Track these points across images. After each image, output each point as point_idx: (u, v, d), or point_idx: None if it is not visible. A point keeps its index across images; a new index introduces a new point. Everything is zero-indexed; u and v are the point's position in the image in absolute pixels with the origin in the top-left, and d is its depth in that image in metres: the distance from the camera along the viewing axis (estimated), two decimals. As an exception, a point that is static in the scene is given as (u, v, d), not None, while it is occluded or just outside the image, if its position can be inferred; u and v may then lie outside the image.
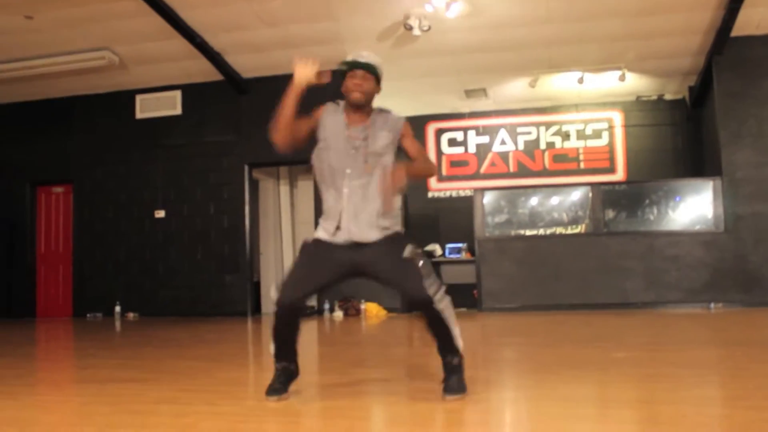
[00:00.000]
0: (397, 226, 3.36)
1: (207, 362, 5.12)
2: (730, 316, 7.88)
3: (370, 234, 3.25)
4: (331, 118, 3.40)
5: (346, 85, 3.34)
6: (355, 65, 3.32)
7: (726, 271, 9.04)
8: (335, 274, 3.33)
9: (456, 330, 3.23)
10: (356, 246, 3.26)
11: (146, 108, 10.88)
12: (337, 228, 3.27)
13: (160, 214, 10.60)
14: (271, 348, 3.37)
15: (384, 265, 3.25)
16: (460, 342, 3.27)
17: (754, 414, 2.84)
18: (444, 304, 3.17)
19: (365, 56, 3.35)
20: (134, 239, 10.67)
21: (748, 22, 8.86)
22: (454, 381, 3.24)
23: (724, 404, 3.25)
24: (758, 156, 9.25)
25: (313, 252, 3.35)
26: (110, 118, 10.98)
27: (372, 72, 3.33)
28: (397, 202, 3.36)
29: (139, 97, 10.89)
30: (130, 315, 10.32)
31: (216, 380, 4.16)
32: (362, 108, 3.36)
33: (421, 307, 3.17)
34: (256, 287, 10.95)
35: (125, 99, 10.90)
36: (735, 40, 9.12)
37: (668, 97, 11.51)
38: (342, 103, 3.44)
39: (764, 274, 8.96)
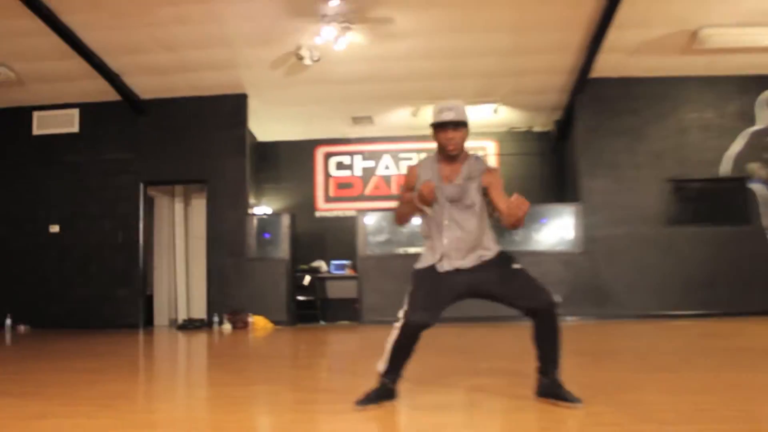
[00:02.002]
0: (496, 248, 3.61)
1: (95, 375, 5.11)
2: (584, 328, 8.58)
3: (470, 262, 3.53)
4: (425, 174, 3.60)
5: (439, 139, 3.51)
6: (444, 125, 3.47)
7: (581, 287, 9.91)
8: (452, 296, 3.56)
9: None
10: (463, 270, 3.53)
11: (44, 125, 10.89)
12: (440, 260, 3.56)
13: (55, 229, 10.64)
14: (381, 366, 3.57)
15: (500, 279, 3.49)
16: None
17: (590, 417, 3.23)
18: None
19: (452, 108, 3.47)
20: (29, 254, 10.65)
21: (605, 66, 9.80)
22: (565, 391, 3.44)
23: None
24: (611, 184, 10.26)
25: (431, 277, 3.56)
26: (6, 133, 10.93)
27: (462, 124, 3.49)
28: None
29: (36, 114, 10.89)
30: (22, 327, 10.24)
31: (101, 393, 4.17)
32: (457, 157, 3.57)
33: (546, 312, 3.40)
34: (149, 300, 11.11)
35: (22, 115, 10.88)
36: (594, 81, 10.09)
37: (537, 129, 12.43)
38: (435, 154, 3.63)
39: (614, 290, 9.94)
